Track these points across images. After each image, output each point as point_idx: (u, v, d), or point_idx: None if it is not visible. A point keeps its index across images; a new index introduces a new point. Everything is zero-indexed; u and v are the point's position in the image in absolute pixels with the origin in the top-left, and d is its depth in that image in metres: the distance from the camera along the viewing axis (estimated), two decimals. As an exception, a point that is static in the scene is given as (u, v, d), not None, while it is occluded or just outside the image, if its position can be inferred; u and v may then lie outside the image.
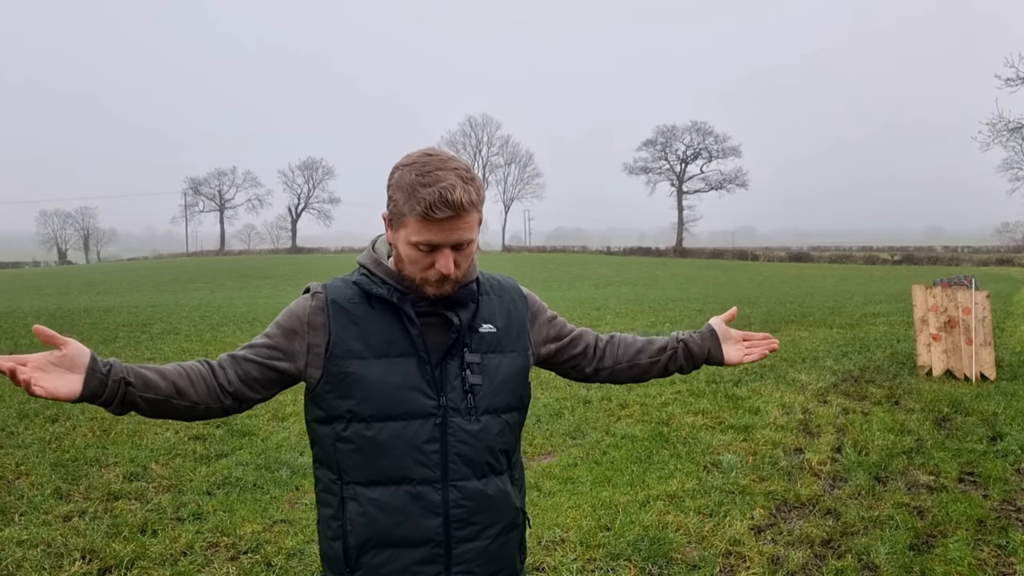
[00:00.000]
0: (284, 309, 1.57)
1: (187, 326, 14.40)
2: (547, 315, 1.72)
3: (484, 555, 1.52)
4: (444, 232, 1.41)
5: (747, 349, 1.78)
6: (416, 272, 1.47)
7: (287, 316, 1.54)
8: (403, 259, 1.48)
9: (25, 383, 1.25)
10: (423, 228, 1.41)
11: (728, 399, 7.19)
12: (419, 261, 1.45)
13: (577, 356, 1.75)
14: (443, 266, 1.43)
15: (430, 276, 1.46)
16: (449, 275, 1.45)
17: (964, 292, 8.20)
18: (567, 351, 1.74)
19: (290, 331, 1.52)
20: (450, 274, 1.45)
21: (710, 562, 3.62)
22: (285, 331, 1.52)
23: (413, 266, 1.46)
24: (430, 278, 1.46)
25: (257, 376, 1.51)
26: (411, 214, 1.41)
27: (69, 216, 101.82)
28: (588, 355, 1.76)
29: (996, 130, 34.23)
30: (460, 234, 1.43)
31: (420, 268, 1.46)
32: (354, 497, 1.49)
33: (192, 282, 38.08)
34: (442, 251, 1.43)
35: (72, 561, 3.64)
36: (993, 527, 4.00)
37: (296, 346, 1.51)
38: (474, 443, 1.50)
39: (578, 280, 37.78)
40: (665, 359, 1.77)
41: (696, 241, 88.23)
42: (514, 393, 1.58)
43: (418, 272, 1.47)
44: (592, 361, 1.76)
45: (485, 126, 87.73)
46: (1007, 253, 57.72)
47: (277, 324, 1.54)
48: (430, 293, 1.48)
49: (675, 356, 1.77)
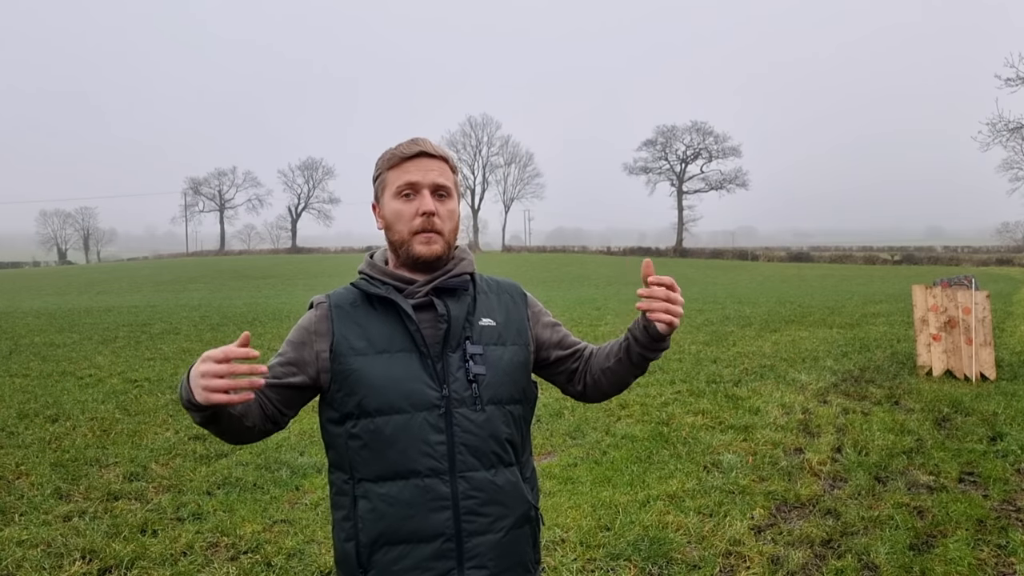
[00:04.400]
0: (297, 326, 1.62)
1: (187, 326, 14.40)
2: (548, 319, 1.73)
3: (497, 548, 1.52)
4: (419, 171, 1.54)
5: (647, 305, 1.51)
6: (403, 227, 1.54)
7: (296, 331, 1.59)
8: (391, 224, 1.56)
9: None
10: (400, 172, 1.55)
11: (728, 399, 7.19)
12: (403, 213, 1.54)
13: (575, 371, 1.73)
14: (424, 205, 1.52)
15: (416, 225, 1.53)
16: (433, 219, 1.52)
17: (964, 292, 8.20)
18: (567, 363, 1.72)
19: (299, 344, 1.57)
20: (433, 215, 1.52)
21: (710, 562, 3.62)
22: (295, 345, 1.58)
23: (399, 222, 1.55)
24: (416, 228, 1.53)
25: (279, 398, 1.56)
26: (388, 167, 1.57)
27: (69, 216, 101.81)
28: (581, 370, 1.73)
29: (996, 130, 34.20)
30: (435, 175, 1.54)
31: (406, 220, 1.54)
32: (365, 495, 1.51)
33: (192, 282, 38.09)
34: (421, 193, 1.54)
35: (72, 561, 3.64)
36: (993, 527, 4.00)
37: (306, 356, 1.56)
38: (480, 433, 1.51)
39: (578, 280, 37.78)
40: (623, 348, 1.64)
41: (696, 241, 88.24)
42: (516, 384, 1.59)
43: (405, 226, 1.54)
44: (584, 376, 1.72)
45: (485, 126, 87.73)
46: (1007, 253, 57.68)
47: (288, 341, 1.60)
48: (420, 252, 1.54)
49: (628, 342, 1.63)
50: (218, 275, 42.91)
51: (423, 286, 1.55)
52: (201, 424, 1.44)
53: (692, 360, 9.56)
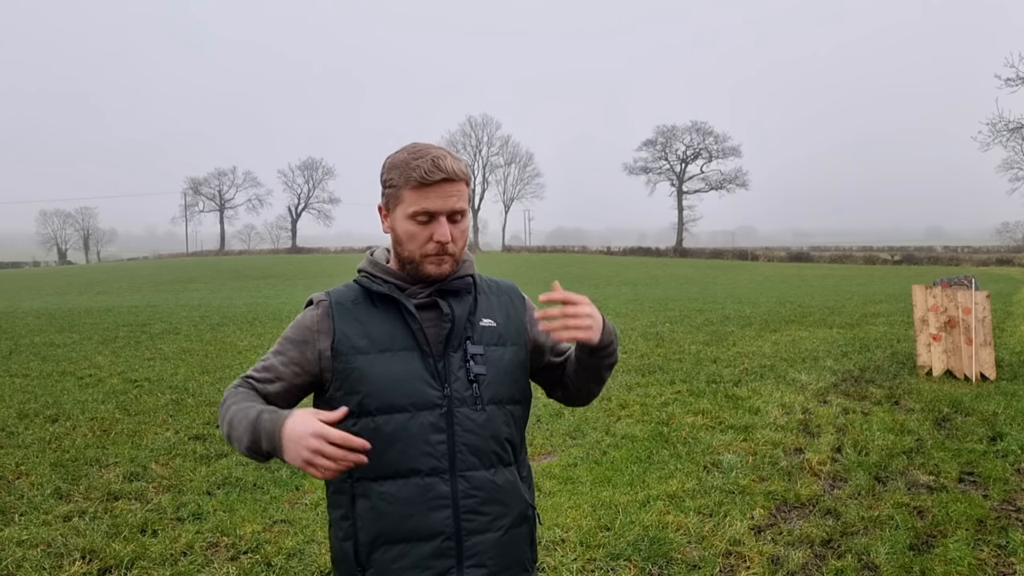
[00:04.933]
0: (292, 322, 1.60)
1: (187, 326, 14.40)
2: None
3: (496, 547, 1.53)
4: (439, 199, 1.48)
5: (546, 327, 1.52)
6: (415, 248, 1.51)
7: (297, 329, 1.57)
8: (401, 240, 1.53)
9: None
10: (419, 196, 1.48)
11: (728, 399, 7.19)
12: (417, 235, 1.50)
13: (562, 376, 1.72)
14: (441, 235, 1.49)
15: (429, 250, 1.50)
16: (447, 245, 1.50)
17: (964, 292, 8.20)
18: (557, 369, 1.72)
19: (302, 342, 1.55)
20: (447, 243, 1.49)
21: (710, 562, 3.62)
22: (297, 344, 1.56)
23: (412, 243, 1.51)
24: (429, 252, 1.51)
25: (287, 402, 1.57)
26: (407, 185, 1.49)
27: (69, 216, 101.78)
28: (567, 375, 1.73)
29: (996, 130, 34.28)
30: (453, 202, 1.50)
31: (419, 243, 1.51)
32: (364, 493, 1.51)
33: (192, 282, 38.08)
34: (438, 220, 1.49)
35: (72, 561, 3.64)
36: (993, 527, 4.00)
37: (309, 355, 1.55)
38: (480, 432, 1.52)
39: (578, 280, 37.77)
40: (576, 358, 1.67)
41: (696, 241, 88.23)
42: (517, 385, 1.60)
43: (417, 248, 1.51)
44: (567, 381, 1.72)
45: (485, 126, 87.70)
46: (1007, 253, 57.67)
47: (288, 339, 1.58)
48: (430, 272, 1.52)
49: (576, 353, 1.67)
50: (218, 275, 42.90)
51: (426, 286, 1.55)
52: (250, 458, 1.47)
53: (692, 360, 9.57)
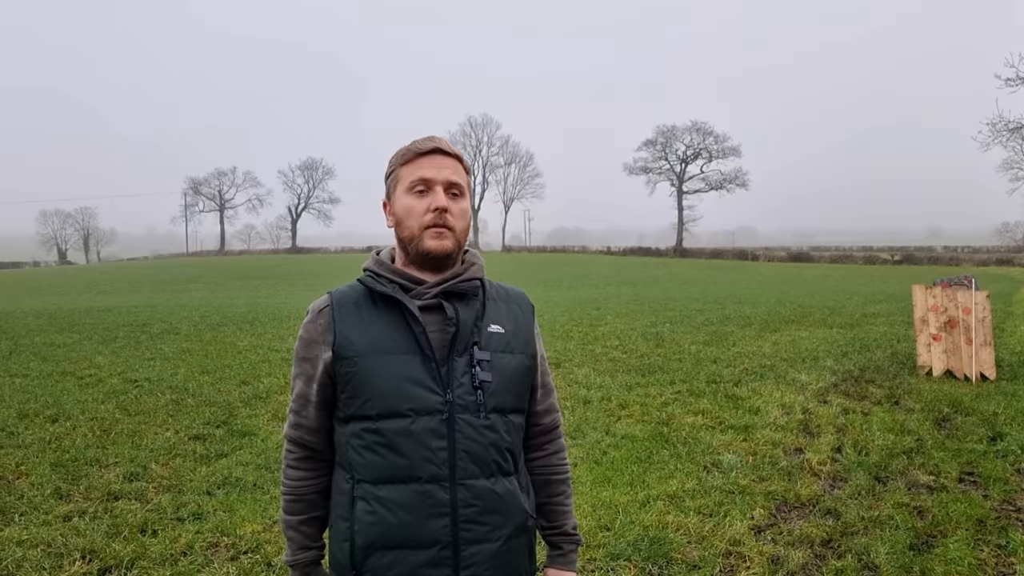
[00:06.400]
0: (298, 338, 1.60)
1: (187, 326, 14.39)
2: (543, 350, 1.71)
3: (494, 558, 1.50)
4: (433, 168, 1.53)
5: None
6: (414, 223, 1.52)
7: (304, 346, 1.57)
8: (401, 220, 1.54)
9: None
10: (414, 168, 1.54)
11: (728, 399, 7.18)
12: (415, 208, 1.52)
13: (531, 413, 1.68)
14: (437, 201, 1.50)
15: (427, 220, 1.51)
16: (445, 216, 1.51)
17: (964, 292, 8.20)
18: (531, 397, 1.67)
19: (312, 358, 1.56)
20: (445, 212, 1.50)
21: (710, 562, 3.62)
22: (309, 360, 1.56)
23: (410, 217, 1.53)
24: (427, 223, 1.51)
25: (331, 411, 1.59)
26: (402, 163, 1.56)
27: (69, 216, 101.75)
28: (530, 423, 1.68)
29: (996, 130, 34.31)
30: (448, 173, 1.53)
31: (417, 215, 1.52)
32: (363, 496, 1.49)
33: (192, 282, 38.09)
34: (434, 190, 1.52)
35: (72, 561, 3.64)
36: (993, 527, 4.00)
37: (320, 367, 1.55)
38: (482, 440, 1.49)
39: (578, 280, 37.77)
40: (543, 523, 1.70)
41: (696, 241, 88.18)
42: (520, 395, 1.58)
43: (416, 221, 1.52)
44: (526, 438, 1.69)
45: (485, 126, 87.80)
46: (1007, 253, 57.65)
47: (299, 359, 1.58)
48: (431, 247, 1.51)
49: (547, 532, 1.70)
50: (218, 275, 42.91)
51: (431, 287, 1.52)
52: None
53: (692, 360, 9.56)
